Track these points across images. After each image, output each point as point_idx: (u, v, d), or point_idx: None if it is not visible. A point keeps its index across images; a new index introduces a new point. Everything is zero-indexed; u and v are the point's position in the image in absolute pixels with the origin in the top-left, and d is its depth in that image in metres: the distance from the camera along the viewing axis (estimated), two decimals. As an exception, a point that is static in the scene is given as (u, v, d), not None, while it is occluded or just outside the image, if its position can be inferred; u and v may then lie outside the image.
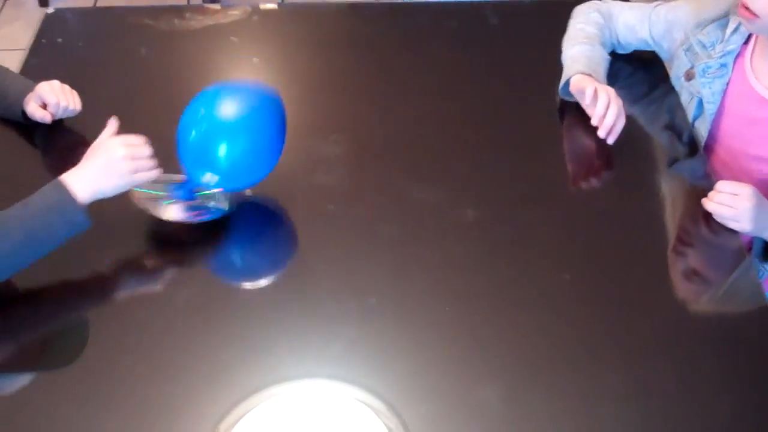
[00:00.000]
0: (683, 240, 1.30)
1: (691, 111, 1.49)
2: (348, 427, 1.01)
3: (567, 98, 1.49)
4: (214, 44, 1.70)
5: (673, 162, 1.43)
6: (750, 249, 1.39)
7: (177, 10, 1.78)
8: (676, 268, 1.25)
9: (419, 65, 1.63)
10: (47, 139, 1.44)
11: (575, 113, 1.47)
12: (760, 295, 1.20)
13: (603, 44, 1.52)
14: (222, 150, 1.15)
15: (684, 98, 1.51)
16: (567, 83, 1.46)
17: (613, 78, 1.50)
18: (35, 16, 3.43)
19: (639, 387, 1.07)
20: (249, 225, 1.30)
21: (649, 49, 1.57)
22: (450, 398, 1.06)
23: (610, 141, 1.40)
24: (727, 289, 1.23)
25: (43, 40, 1.72)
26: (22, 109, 1.41)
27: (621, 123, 1.39)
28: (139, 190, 1.22)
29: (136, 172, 1.16)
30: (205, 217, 1.24)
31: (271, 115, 1.20)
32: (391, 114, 1.51)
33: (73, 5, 3.45)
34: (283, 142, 1.22)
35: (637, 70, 1.59)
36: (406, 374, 1.08)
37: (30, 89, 1.41)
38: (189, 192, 1.24)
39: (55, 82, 1.42)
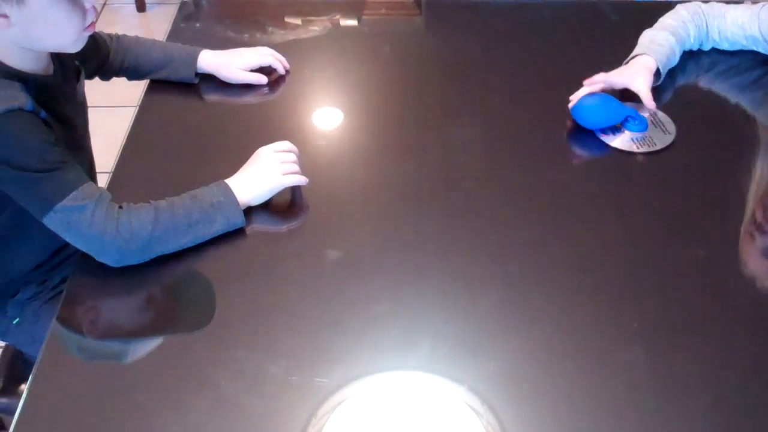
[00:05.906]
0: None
1: None
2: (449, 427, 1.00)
3: None
4: (347, 35, 1.78)
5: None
6: None
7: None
8: None
9: (543, 57, 1.69)
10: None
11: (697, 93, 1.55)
12: None
13: (675, 33, 1.61)
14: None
15: None
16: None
17: (721, 69, 1.63)
18: (133, 21, 3.55)
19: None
20: (388, 199, 1.37)
21: (757, 45, 1.64)
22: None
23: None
24: None
25: (182, 24, 1.83)
26: (195, 70, 1.56)
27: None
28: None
29: (285, 173, 1.29)
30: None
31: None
32: (517, 100, 1.57)
33: (165, 5, 3.61)
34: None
35: (744, 63, 1.67)
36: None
37: (197, 53, 1.56)
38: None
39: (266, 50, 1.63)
